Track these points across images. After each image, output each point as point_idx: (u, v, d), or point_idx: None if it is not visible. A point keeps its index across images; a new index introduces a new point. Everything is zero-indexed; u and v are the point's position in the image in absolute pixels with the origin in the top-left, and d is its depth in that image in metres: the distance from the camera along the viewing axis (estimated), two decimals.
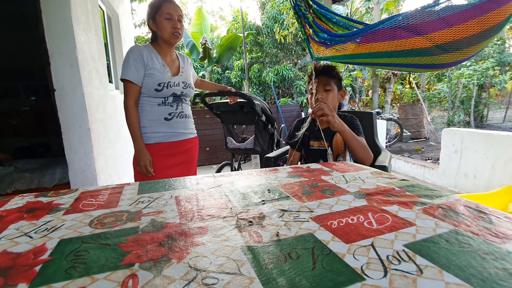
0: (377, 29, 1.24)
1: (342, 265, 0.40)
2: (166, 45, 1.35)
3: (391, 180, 0.80)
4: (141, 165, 1.30)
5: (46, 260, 0.43)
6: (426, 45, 1.25)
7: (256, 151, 2.32)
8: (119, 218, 0.58)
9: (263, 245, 0.46)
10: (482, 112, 8.28)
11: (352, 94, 8.30)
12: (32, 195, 0.75)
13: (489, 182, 2.81)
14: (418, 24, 1.19)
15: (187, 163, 1.47)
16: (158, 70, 1.30)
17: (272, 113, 2.30)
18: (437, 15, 1.18)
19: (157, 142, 1.35)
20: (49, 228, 0.54)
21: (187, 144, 1.44)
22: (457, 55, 1.33)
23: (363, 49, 1.36)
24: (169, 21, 1.28)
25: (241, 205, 0.64)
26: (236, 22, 9.96)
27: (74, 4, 1.87)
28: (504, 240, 0.46)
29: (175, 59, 1.43)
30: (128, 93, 1.28)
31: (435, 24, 1.20)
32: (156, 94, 1.31)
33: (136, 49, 1.29)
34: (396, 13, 1.98)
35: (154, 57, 1.32)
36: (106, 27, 3.03)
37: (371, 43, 1.32)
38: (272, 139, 2.40)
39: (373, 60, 1.53)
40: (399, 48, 1.30)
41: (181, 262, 0.41)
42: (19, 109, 2.94)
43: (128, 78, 1.26)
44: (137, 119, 1.30)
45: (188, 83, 1.41)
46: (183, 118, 1.40)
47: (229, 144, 2.52)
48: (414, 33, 1.22)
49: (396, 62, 1.48)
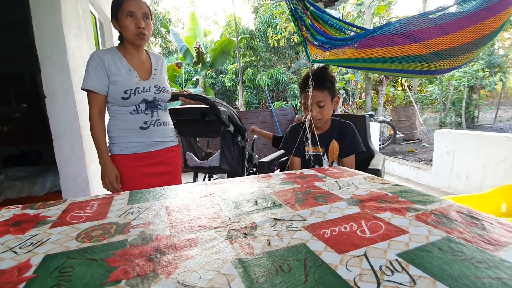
0: (375, 35, 1.25)
1: (334, 277, 0.39)
2: (132, 46, 1.22)
3: (384, 185, 0.80)
4: (106, 181, 1.19)
5: (30, 277, 0.42)
6: (423, 52, 1.26)
7: (223, 169, 1.88)
8: (107, 231, 0.56)
9: (255, 257, 0.45)
10: (473, 113, 8.42)
11: (346, 97, 8.37)
12: (19, 207, 0.73)
13: (481, 182, 2.84)
14: (415, 31, 1.20)
15: (170, 174, 1.36)
16: (123, 76, 1.17)
17: (242, 122, 1.89)
18: (434, 23, 1.19)
19: (132, 152, 1.23)
20: (35, 243, 0.53)
21: (166, 154, 1.32)
22: (452, 62, 1.35)
23: (361, 54, 1.36)
24: (132, 20, 1.15)
25: (233, 214, 0.63)
26: (230, 26, 9.99)
27: (65, 10, 1.86)
28: (497, 247, 0.46)
29: (145, 61, 1.29)
30: (91, 104, 1.18)
31: (432, 31, 1.21)
32: (124, 103, 1.18)
33: (96, 54, 1.17)
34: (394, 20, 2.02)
35: (119, 61, 1.19)
36: (98, 33, 3.01)
37: (368, 48, 1.32)
38: (242, 153, 1.97)
39: (370, 65, 1.53)
40: (396, 54, 1.30)
41: (170, 277, 0.40)
42: (10, 116, 2.89)
43: (88, 87, 1.15)
44: (102, 131, 1.20)
45: (161, 87, 1.27)
46: (160, 126, 1.28)
47: (189, 161, 2.05)
48: (411, 40, 1.23)
49: (392, 68, 1.49)
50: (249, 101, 10.15)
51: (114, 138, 1.23)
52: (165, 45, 12.45)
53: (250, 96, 10.20)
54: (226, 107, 1.80)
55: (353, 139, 1.37)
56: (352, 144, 1.37)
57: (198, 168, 2.06)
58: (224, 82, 10.07)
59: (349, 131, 1.39)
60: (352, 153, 1.37)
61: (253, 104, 10.31)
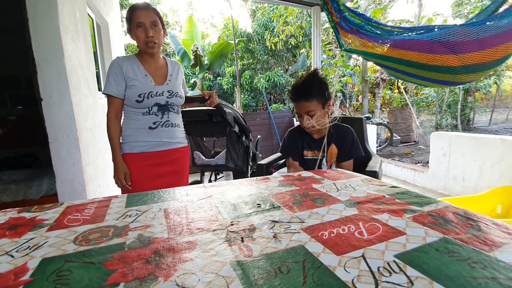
0: (416, 38, 1.25)
1: (333, 279, 0.39)
2: (146, 54, 1.31)
3: (382, 187, 0.80)
4: (116, 178, 1.29)
5: (27, 281, 0.42)
6: (455, 64, 1.28)
7: (229, 167, 2.00)
8: (105, 234, 0.56)
9: (253, 259, 0.45)
10: (469, 116, 8.50)
11: (343, 100, 8.40)
12: (15, 211, 0.72)
13: (477, 184, 2.87)
14: (456, 42, 1.22)
15: (177, 174, 1.41)
16: (139, 81, 1.27)
17: (246, 123, 2.01)
18: (476, 36, 1.20)
19: (141, 151, 1.31)
20: (31, 246, 0.52)
21: (174, 154, 1.38)
22: (474, 76, 1.38)
23: (394, 54, 1.35)
24: (141, 30, 1.23)
25: (232, 216, 0.63)
26: (227, 29, 10.03)
27: (62, 13, 1.85)
28: (492, 248, 0.46)
29: (161, 67, 1.37)
30: (110, 106, 1.28)
31: (471, 45, 1.22)
32: (138, 105, 1.27)
33: (115, 62, 1.27)
34: (432, 24, 2.02)
35: (136, 67, 1.29)
36: (95, 35, 3.00)
37: (404, 50, 1.32)
38: (247, 152, 2.08)
39: (402, 67, 1.50)
40: (430, 62, 1.31)
41: (168, 280, 0.40)
42: (5, 118, 2.87)
43: (108, 92, 1.26)
44: (117, 132, 1.29)
45: (174, 92, 1.34)
46: (168, 127, 1.34)
47: (197, 160, 2.18)
48: (450, 50, 1.24)
49: (420, 74, 1.48)
50: (246, 103, 10.16)
51: (125, 137, 1.31)
52: (162, 48, 12.45)
53: (248, 99, 10.22)
54: (231, 109, 1.88)
55: (352, 143, 1.37)
56: (351, 148, 1.36)
57: (205, 166, 2.17)
58: (222, 84, 10.08)
59: (348, 135, 1.39)
60: (350, 158, 1.37)
61: (251, 106, 10.33)
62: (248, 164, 2.09)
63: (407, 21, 8.19)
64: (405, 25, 7.92)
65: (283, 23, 7.87)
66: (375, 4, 7.62)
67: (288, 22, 7.81)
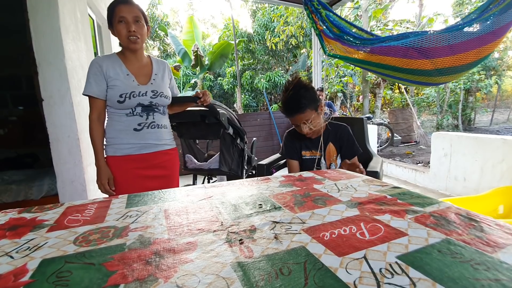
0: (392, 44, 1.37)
1: (334, 280, 0.39)
2: (129, 52, 1.24)
3: (383, 188, 0.80)
4: (98, 183, 1.22)
5: (27, 282, 0.41)
6: (429, 68, 1.39)
7: (222, 171, 1.88)
8: (105, 235, 0.56)
9: (254, 260, 0.45)
10: (470, 116, 8.48)
11: (343, 100, 8.40)
12: (16, 211, 0.72)
13: (478, 184, 2.86)
14: (429, 49, 1.32)
15: (166, 177, 1.35)
16: (120, 81, 1.20)
17: (241, 125, 1.91)
18: (447, 42, 1.30)
19: (126, 154, 1.24)
20: (31, 247, 0.52)
21: (161, 157, 1.31)
22: (448, 78, 1.51)
23: (373, 59, 1.47)
24: (123, 25, 1.16)
25: (232, 217, 0.63)
26: (228, 29, 10.03)
27: (63, 13, 1.86)
28: (495, 249, 0.46)
29: (145, 66, 1.29)
30: (91, 108, 1.23)
31: (443, 51, 1.33)
32: (120, 106, 1.20)
33: (95, 61, 1.21)
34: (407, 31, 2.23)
35: (118, 67, 1.22)
36: (96, 36, 3.01)
37: (382, 55, 1.43)
38: (241, 156, 1.98)
39: (380, 69, 1.61)
40: (406, 66, 1.42)
41: (169, 281, 0.40)
42: (6, 119, 2.88)
43: (88, 93, 1.20)
44: (99, 134, 1.23)
45: (159, 91, 1.27)
46: (154, 128, 1.28)
47: (189, 163, 2.06)
48: (423, 55, 1.35)
49: (398, 76, 1.62)
50: (247, 103, 10.16)
51: (109, 140, 1.25)
52: (163, 48, 12.46)
53: (248, 99, 10.22)
54: (225, 110, 1.80)
55: (353, 141, 1.41)
56: (353, 146, 1.40)
57: (197, 170, 2.05)
58: (222, 85, 10.09)
59: (346, 133, 1.41)
60: (355, 155, 1.40)
61: (251, 106, 10.33)
62: (243, 167, 2.00)
63: (408, 21, 8.18)
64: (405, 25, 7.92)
65: (283, 23, 7.87)
66: (375, 4, 7.61)
67: (289, 22, 7.82)
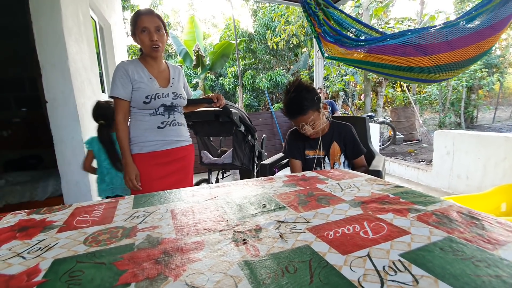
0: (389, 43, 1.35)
1: (339, 278, 0.40)
2: (150, 58, 1.36)
3: (386, 187, 0.81)
4: (127, 179, 1.31)
5: (40, 282, 0.43)
6: (428, 65, 1.37)
7: (235, 165, 2.08)
8: (114, 235, 0.57)
9: (260, 259, 0.46)
10: (472, 113, 8.45)
11: (345, 98, 8.38)
12: (25, 212, 0.74)
13: (481, 182, 2.85)
14: (427, 45, 1.30)
15: (183, 171, 1.47)
16: (145, 83, 1.31)
17: (251, 123, 2.10)
18: (445, 38, 1.28)
19: (151, 151, 1.35)
20: (43, 248, 0.53)
21: (181, 152, 1.44)
22: (449, 74, 1.48)
23: (371, 58, 1.45)
24: (146, 35, 1.28)
25: (238, 217, 0.64)
26: (229, 29, 10.03)
27: (66, 15, 1.87)
28: (496, 246, 0.47)
29: (163, 71, 1.43)
30: (117, 109, 1.31)
31: (441, 47, 1.31)
32: (145, 107, 1.32)
33: (121, 66, 1.31)
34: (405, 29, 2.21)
35: (141, 70, 1.33)
36: (98, 37, 3.02)
37: (380, 54, 1.42)
38: (252, 151, 2.18)
39: (379, 69, 1.61)
40: (404, 64, 1.41)
41: (178, 280, 0.41)
42: (10, 121, 2.90)
43: (115, 95, 1.29)
44: (126, 134, 1.32)
45: (178, 93, 1.41)
46: (175, 126, 1.41)
47: (204, 159, 2.27)
48: (421, 53, 1.33)
49: (397, 74, 1.59)
50: (249, 103, 10.17)
51: (134, 138, 1.34)
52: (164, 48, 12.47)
53: (250, 99, 10.23)
54: (237, 109, 1.96)
55: (357, 141, 1.42)
56: (359, 145, 1.42)
57: (212, 165, 2.25)
58: (224, 84, 10.09)
59: (350, 133, 1.42)
60: (360, 154, 1.41)
61: (253, 106, 10.33)
62: (254, 162, 2.18)
63: (410, 19, 8.14)
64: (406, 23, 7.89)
65: (284, 23, 7.86)
66: (376, 2, 7.58)
67: (290, 22, 7.81)
